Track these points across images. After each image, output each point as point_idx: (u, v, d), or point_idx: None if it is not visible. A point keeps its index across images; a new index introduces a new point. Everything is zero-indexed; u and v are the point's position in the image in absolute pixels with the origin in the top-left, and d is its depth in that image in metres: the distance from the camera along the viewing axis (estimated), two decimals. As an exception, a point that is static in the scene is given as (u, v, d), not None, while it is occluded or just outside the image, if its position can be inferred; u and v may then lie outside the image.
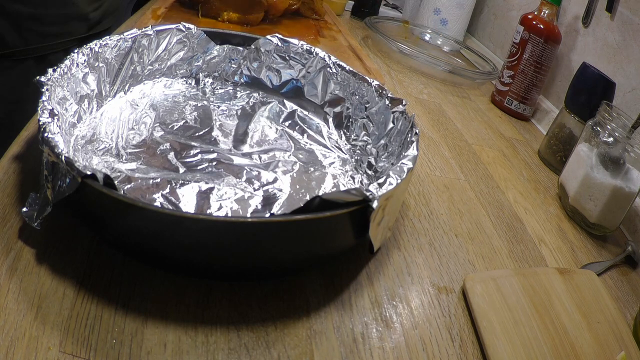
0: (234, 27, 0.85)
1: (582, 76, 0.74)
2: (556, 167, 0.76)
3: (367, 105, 0.57)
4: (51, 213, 0.34)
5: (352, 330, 0.38)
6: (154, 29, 0.56)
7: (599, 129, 0.62)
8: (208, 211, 0.44)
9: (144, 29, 0.56)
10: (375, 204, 0.37)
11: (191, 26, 0.60)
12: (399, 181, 0.40)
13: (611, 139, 0.61)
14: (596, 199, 0.60)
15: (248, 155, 0.54)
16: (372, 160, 0.55)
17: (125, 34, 0.54)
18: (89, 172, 0.32)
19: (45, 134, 0.36)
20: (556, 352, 0.40)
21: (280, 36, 0.62)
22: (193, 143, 0.53)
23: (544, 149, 0.79)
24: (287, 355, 0.34)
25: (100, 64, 0.51)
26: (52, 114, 0.38)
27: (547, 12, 0.88)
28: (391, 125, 0.54)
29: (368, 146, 0.56)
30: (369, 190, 0.37)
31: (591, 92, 0.72)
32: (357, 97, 0.58)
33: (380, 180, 0.40)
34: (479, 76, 0.99)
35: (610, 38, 0.80)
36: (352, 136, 0.58)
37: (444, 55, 1.14)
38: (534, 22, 0.88)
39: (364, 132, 0.57)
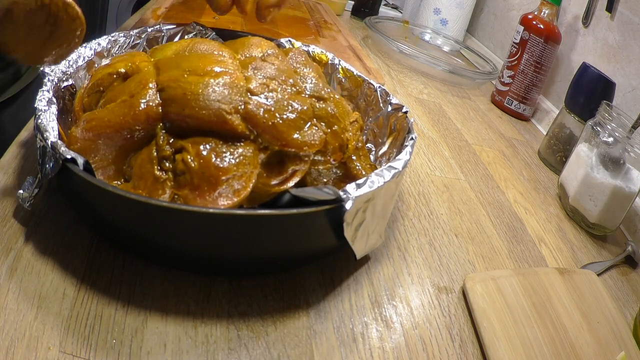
0: (247, 28, 0.84)
1: (582, 76, 0.74)
2: (556, 167, 0.76)
3: (371, 112, 0.57)
4: (52, 213, 0.34)
5: (352, 330, 0.38)
6: (165, 27, 0.56)
7: (599, 129, 0.62)
8: None
9: (155, 27, 0.55)
10: (349, 205, 0.35)
11: (203, 25, 0.60)
12: (381, 183, 0.38)
13: (611, 139, 0.61)
14: (596, 199, 0.60)
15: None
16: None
17: (135, 30, 0.53)
18: (69, 157, 0.33)
19: (39, 120, 0.36)
20: (556, 352, 0.40)
21: (292, 39, 0.61)
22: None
23: (544, 149, 0.79)
24: (287, 355, 0.34)
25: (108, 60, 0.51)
26: (50, 102, 0.39)
27: (547, 12, 0.88)
28: (391, 131, 0.54)
29: (371, 154, 0.55)
30: (345, 191, 0.36)
31: (591, 92, 0.72)
32: (364, 102, 0.58)
33: (360, 181, 0.37)
34: (479, 76, 0.99)
35: (610, 38, 0.80)
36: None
37: (444, 55, 1.14)
38: (534, 22, 0.88)
39: (367, 139, 0.56)
